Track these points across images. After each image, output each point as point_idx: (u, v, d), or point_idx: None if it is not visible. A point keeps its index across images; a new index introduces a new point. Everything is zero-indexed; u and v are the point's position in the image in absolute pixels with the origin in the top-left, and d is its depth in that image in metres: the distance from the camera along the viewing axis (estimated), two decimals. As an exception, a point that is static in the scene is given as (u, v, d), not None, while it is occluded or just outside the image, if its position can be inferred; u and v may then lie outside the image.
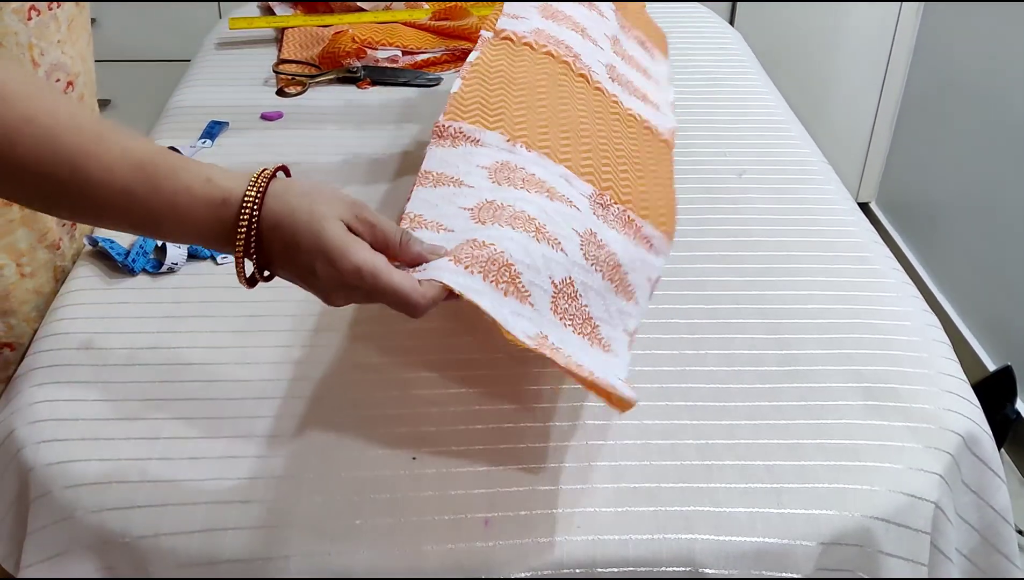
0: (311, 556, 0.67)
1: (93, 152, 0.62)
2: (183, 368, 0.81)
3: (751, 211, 1.06)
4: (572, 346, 0.66)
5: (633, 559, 0.67)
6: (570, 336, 0.67)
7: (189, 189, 0.63)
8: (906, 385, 0.82)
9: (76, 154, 0.61)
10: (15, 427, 0.76)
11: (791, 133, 1.24)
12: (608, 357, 0.69)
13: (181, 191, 0.62)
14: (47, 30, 0.87)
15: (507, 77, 0.83)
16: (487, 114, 0.81)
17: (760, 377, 0.82)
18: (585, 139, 0.81)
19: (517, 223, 0.68)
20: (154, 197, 0.62)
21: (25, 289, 0.89)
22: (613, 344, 0.71)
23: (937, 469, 0.75)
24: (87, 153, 0.61)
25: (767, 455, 0.74)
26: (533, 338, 0.63)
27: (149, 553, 0.67)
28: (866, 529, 0.70)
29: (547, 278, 0.67)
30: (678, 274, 0.95)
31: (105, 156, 0.62)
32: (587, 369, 0.64)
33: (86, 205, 0.63)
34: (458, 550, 0.67)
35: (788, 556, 0.69)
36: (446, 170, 0.74)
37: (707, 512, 0.70)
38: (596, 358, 0.67)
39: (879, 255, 1.00)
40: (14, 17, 0.84)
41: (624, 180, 0.77)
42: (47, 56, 0.88)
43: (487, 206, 0.70)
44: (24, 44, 0.85)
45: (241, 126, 1.20)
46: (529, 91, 0.83)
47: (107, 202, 0.62)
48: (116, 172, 0.62)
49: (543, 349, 0.62)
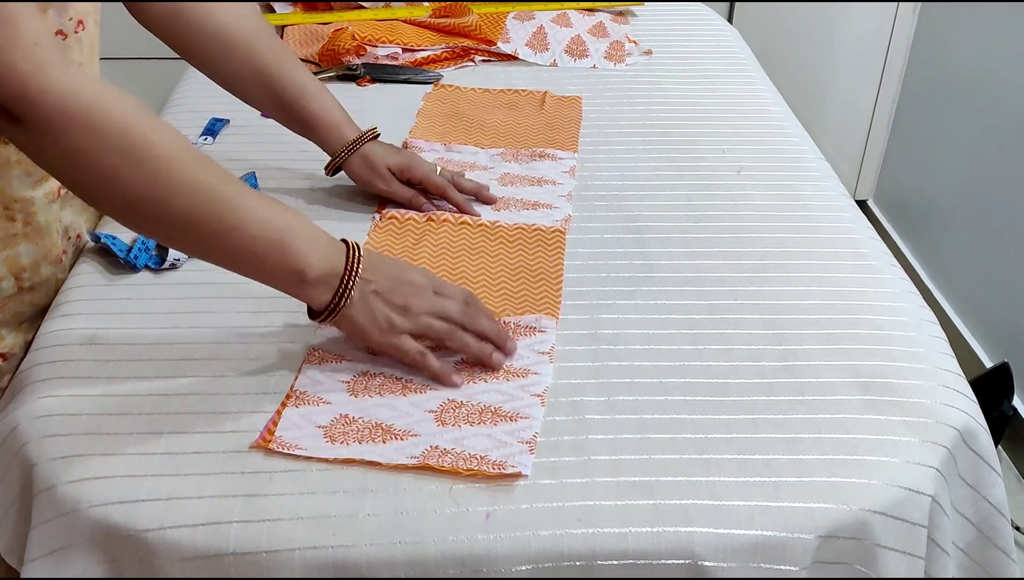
0: (315, 549, 0.67)
1: (246, 211, 0.75)
2: (186, 363, 0.82)
3: (749, 208, 1.06)
4: (471, 442, 0.74)
5: (633, 552, 0.68)
6: (468, 431, 0.76)
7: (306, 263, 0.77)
8: (903, 380, 0.82)
9: (232, 177, 0.77)
10: (19, 422, 0.76)
11: (789, 130, 1.24)
12: (519, 425, 0.76)
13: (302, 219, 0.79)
14: (71, 53, 0.87)
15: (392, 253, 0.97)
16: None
17: (758, 372, 0.83)
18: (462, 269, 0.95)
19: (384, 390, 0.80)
20: (288, 217, 0.78)
21: (23, 302, 0.89)
22: (523, 410, 0.78)
23: (934, 463, 0.76)
24: (237, 179, 0.77)
25: (765, 449, 0.75)
26: (419, 457, 0.73)
27: (153, 546, 0.68)
28: (863, 522, 0.71)
29: (423, 411, 0.77)
30: (676, 270, 0.96)
31: (251, 223, 0.75)
32: (479, 460, 0.73)
33: (231, 221, 0.75)
34: (459, 543, 0.68)
35: (786, 549, 0.69)
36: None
37: (706, 505, 0.70)
38: (500, 437, 0.75)
39: (876, 252, 1.01)
40: None
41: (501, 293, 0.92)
42: None
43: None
44: None
45: (242, 123, 1.21)
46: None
47: (256, 216, 0.75)
48: (259, 195, 0.77)
49: (429, 460, 0.72)
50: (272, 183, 1.09)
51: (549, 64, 1.42)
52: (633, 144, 1.19)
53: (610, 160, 1.15)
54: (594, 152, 1.17)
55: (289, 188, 1.08)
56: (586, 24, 1.48)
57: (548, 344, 0.85)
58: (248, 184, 1.04)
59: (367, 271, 0.79)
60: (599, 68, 1.41)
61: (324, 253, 0.77)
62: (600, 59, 1.42)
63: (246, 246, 0.76)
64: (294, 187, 1.09)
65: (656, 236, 1.01)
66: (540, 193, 1.07)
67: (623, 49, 1.44)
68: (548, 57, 1.43)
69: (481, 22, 1.45)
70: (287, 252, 0.76)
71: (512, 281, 0.93)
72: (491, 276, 0.94)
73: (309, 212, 1.04)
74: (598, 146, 1.19)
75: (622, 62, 1.42)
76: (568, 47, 1.44)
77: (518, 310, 0.89)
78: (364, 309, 0.79)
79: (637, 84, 1.35)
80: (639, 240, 1.00)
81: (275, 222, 0.76)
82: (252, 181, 1.07)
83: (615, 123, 1.24)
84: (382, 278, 0.80)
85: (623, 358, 0.84)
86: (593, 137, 1.21)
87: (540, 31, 1.45)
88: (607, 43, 1.44)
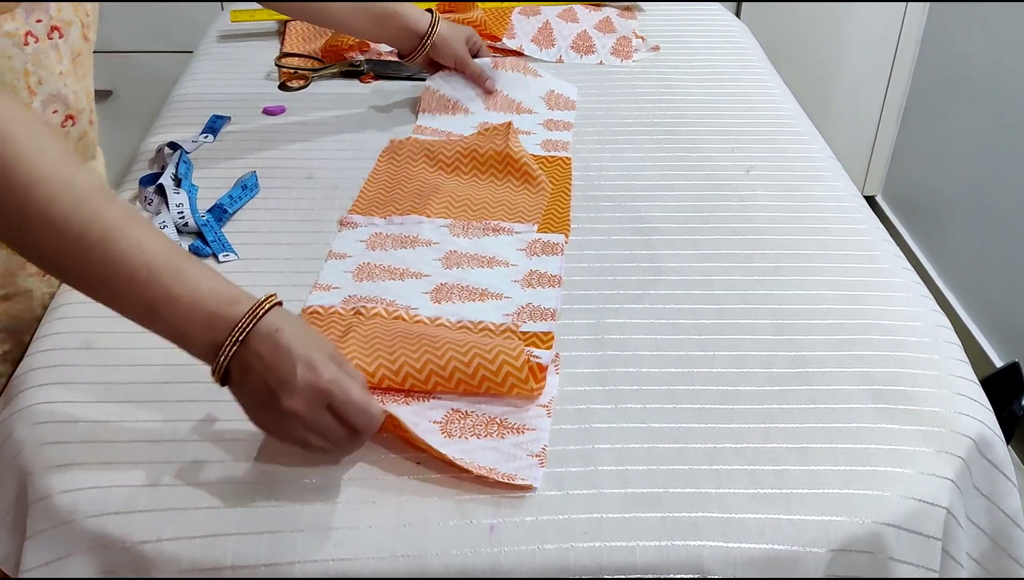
0: (315, 562, 0.66)
1: (126, 225, 0.67)
2: (185, 369, 0.80)
3: (759, 209, 1.05)
4: (479, 455, 0.73)
5: (641, 566, 0.66)
6: (476, 443, 0.74)
7: (201, 284, 0.69)
8: (917, 388, 0.81)
9: (111, 222, 0.67)
10: (14, 429, 0.75)
11: (799, 129, 1.22)
12: (526, 437, 0.75)
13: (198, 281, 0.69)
14: (46, 59, 0.85)
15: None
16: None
17: (769, 379, 0.81)
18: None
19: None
20: (174, 280, 0.67)
21: None
22: (530, 422, 0.76)
23: (949, 474, 0.74)
24: (123, 222, 0.67)
25: (776, 460, 0.74)
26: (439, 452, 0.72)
27: (151, 558, 0.66)
28: (877, 535, 0.70)
29: (428, 422, 0.76)
30: (685, 273, 0.94)
31: (136, 232, 0.67)
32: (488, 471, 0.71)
33: (99, 271, 0.67)
34: (463, 556, 0.66)
35: (798, 563, 0.68)
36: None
37: (715, 518, 0.69)
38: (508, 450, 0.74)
39: (889, 254, 0.99)
40: (7, 41, 0.82)
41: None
42: (45, 85, 0.86)
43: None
44: (19, 69, 0.83)
45: (243, 120, 1.19)
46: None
47: (122, 274, 0.67)
48: (144, 248, 0.67)
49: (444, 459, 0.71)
50: (272, 181, 1.07)
51: (555, 60, 1.40)
52: (640, 142, 1.17)
53: (617, 159, 1.14)
54: (600, 151, 1.15)
55: (289, 185, 1.07)
56: (593, 19, 1.46)
57: (551, 355, 0.83)
58: (251, 182, 1.04)
59: (253, 354, 0.68)
60: (606, 64, 1.39)
61: (204, 326, 0.68)
62: (607, 55, 1.40)
63: (115, 302, 0.69)
64: (294, 185, 1.07)
65: (664, 238, 0.99)
66: (491, 278, 0.93)
67: (630, 45, 1.42)
68: (554, 53, 1.41)
69: (486, 17, 1.43)
70: (157, 320, 0.69)
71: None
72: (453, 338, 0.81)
73: (308, 213, 1.02)
74: (604, 145, 1.17)
75: (629, 58, 1.40)
76: (574, 43, 1.42)
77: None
78: (238, 392, 0.70)
79: (644, 81, 1.33)
80: (647, 242, 0.98)
81: (150, 287, 0.67)
82: (252, 180, 1.05)
83: (622, 121, 1.22)
84: (266, 372, 0.68)
85: (630, 365, 0.82)
86: (599, 135, 1.19)
87: (546, 27, 1.43)
88: (614, 39, 1.42)
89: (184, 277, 0.68)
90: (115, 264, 0.67)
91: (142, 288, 0.67)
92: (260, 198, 1.05)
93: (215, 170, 1.08)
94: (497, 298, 0.90)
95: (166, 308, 0.67)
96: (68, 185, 0.66)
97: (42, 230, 0.66)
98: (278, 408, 0.68)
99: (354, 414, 0.69)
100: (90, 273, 0.68)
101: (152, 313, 0.68)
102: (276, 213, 1.02)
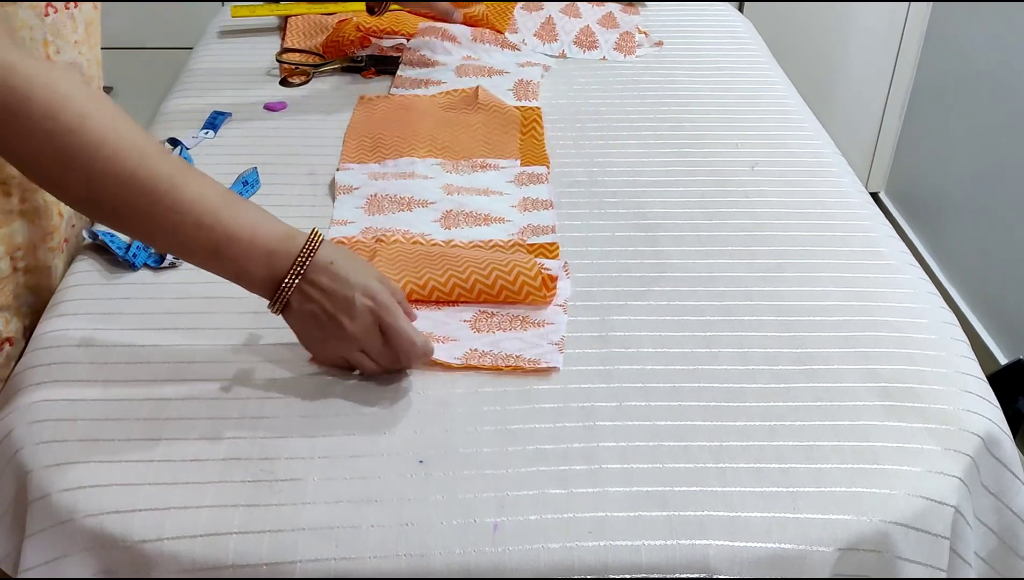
0: (317, 561, 0.65)
1: (185, 176, 0.73)
2: (185, 366, 0.80)
3: (764, 205, 1.04)
4: (505, 344, 0.82)
5: (646, 566, 0.66)
6: (501, 336, 0.83)
7: (258, 224, 0.75)
8: (924, 385, 0.80)
9: (174, 174, 0.72)
10: (13, 427, 0.74)
11: (804, 125, 1.22)
12: (546, 330, 0.84)
13: (256, 222, 0.75)
14: (64, 28, 0.86)
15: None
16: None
17: (775, 377, 0.80)
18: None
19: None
20: (236, 223, 0.74)
21: (19, 284, 0.87)
22: (549, 318, 0.85)
23: (956, 472, 0.73)
24: (183, 172, 0.73)
25: (782, 458, 0.73)
26: (461, 358, 0.80)
27: (151, 558, 0.66)
28: (884, 534, 0.69)
29: (459, 321, 0.85)
30: (690, 270, 0.93)
31: (195, 181, 0.73)
32: (515, 358, 0.80)
33: (167, 221, 0.72)
34: (466, 555, 0.66)
35: (804, 562, 0.67)
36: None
37: (721, 517, 0.68)
38: (531, 339, 0.83)
39: (894, 250, 0.98)
40: (30, 12, 0.83)
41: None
42: (63, 55, 0.87)
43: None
44: (39, 40, 0.84)
45: (244, 116, 1.18)
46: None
47: (188, 222, 0.72)
48: (206, 196, 0.73)
49: (471, 361, 0.80)
50: (273, 177, 1.06)
51: (558, 55, 1.39)
52: (644, 138, 1.16)
53: (620, 155, 1.13)
54: (604, 147, 1.15)
55: (290, 182, 1.06)
56: (596, 15, 1.45)
57: (561, 264, 0.92)
58: (252, 178, 1.03)
59: (311, 285, 0.75)
60: (609, 60, 1.38)
61: (265, 262, 0.75)
62: (610, 51, 1.39)
63: (181, 247, 0.75)
64: (295, 181, 1.06)
65: (668, 234, 0.98)
66: (490, 204, 1.01)
67: (633, 40, 1.41)
68: (557, 48, 1.40)
69: (489, 12, 1.42)
70: (223, 260, 0.75)
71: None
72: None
73: (309, 209, 1.01)
74: (607, 141, 1.16)
75: (632, 54, 1.39)
76: (577, 38, 1.41)
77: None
78: (296, 322, 0.77)
79: (648, 77, 1.33)
80: (651, 238, 0.98)
81: (214, 230, 0.73)
82: (254, 176, 1.05)
83: (626, 116, 1.22)
84: (326, 299, 0.75)
85: (634, 362, 0.82)
86: (603, 131, 1.18)
87: (549, 22, 1.42)
88: (617, 34, 1.41)
89: (242, 219, 0.74)
90: (182, 212, 0.72)
91: (208, 232, 0.73)
92: (261, 194, 1.04)
93: (216, 166, 1.07)
94: (500, 221, 0.99)
95: (229, 249, 0.74)
96: (131, 142, 0.71)
97: (111, 186, 0.71)
98: (338, 332, 0.75)
99: (401, 340, 0.76)
100: (157, 224, 0.73)
101: (216, 254, 0.74)
102: (277, 209, 0.99)
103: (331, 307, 0.75)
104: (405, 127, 1.15)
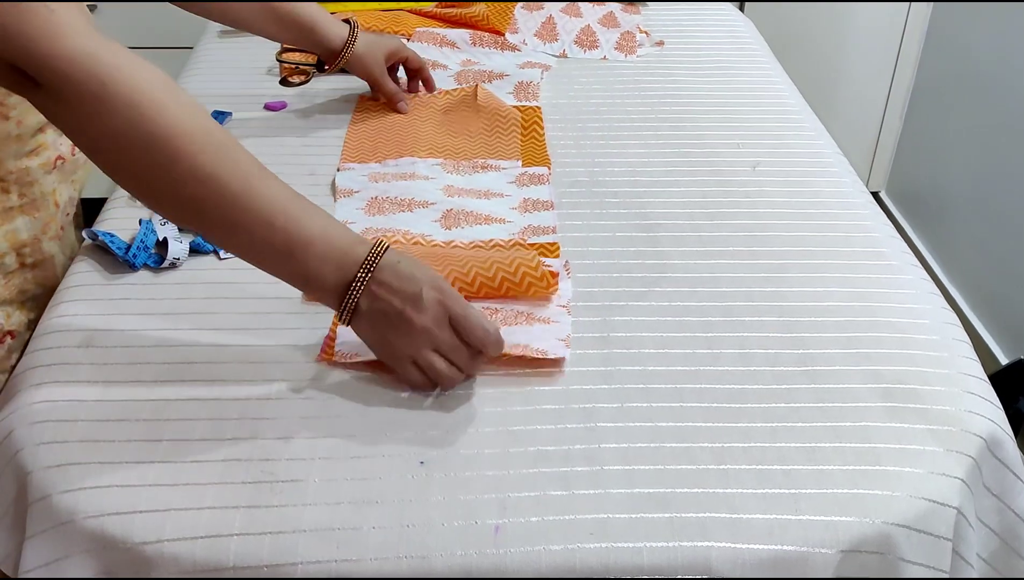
0: (318, 563, 0.65)
1: (260, 174, 0.73)
2: (185, 367, 0.79)
3: (765, 205, 1.04)
4: (512, 337, 0.80)
5: (648, 567, 0.65)
6: (507, 330, 0.81)
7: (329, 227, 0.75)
8: (926, 386, 0.80)
9: (250, 172, 0.72)
10: (14, 428, 0.74)
11: (805, 124, 1.21)
12: (551, 327, 0.84)
13: (326, 225, 0.75)
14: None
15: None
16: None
17: (776, 378, 0.80)
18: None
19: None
20: (309, 224, 0.73)
21: (26, 279, 0.87)
22: (553, 317, 0.85)
23: (959, 473, 0.73)
24: (256, 173, 0.73)
25: (784, 459, 0.73)
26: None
27: (152, 559, 0.66)
28: (886, 536, 0.69)
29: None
30: (691, 270, 0.93)
31: (269, 180, 0.73)
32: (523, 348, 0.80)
33: (242, 219, 0.72)
34: (467, 557, 0.65)
35: (806, 564, 0.67)
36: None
37: (723, 519, 0.68)
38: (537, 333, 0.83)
39: (896, 250, 0.98)
40: None
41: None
42: None
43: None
44: None
45: (244, 116, 1.18)
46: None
47: (262, 220, 0.72)
48: (280, 195, 0.73)
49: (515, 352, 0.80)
50: (275, 178, 1.06)
51: (558, 55, 1.39)
52: (645, 138, 1.16)
53: (621, 155, 1.13)
54: (604, 147, 1.14)
55: (290, 182, 1.05)
56: (596, 14, 1.45)
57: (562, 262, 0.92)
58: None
59: (379, 285, 0.74)
60: (610, 60, 1.38)
61: (336, 265, 0.74)
62: (611, 50, 1.39)
63: (253, 247, 0.74)
64: (296, 181, 1.05)
65: (670, 234, 0.98)
66: (490, 206, 1.01)
67: (634, 40, 1.41)
68: (557, 48, 1.40)
69: (489, 12, 1.42)
70: (294, 262, 0.74)
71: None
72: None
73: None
74: (608, 141, 1.16)
75: (633, 53, 1.39)
76: (578, 38, 1.41)
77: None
78: (367, 326, 0.76)
79: (649, 76, 1.32)
80: (652, 239, 0.98)
81: (288, 232, 0.73)
82: (254, 176, 1.04)
83: (627, 116, 1.21)
84: (394, 296, 0.75)
85: (636, 363, 0.81)
86: (603, 131, 1.18)
87: (549, 21, 1.42)
88: (618, 34, 1.41)
89: (314, 221, 0.74)
90: (256, 211, 0.71)
91: (281, 233, 0.72)
92: (261, 194, 1.04)
93: (216, 166, 1.07)
94: (500, 222, 0.99)
95: (302, 251, 0.73)
96: (207, 136, 0.70)
97: (187, 179, 0.70)
98: (409, 328, 0.74)
99: (474, 327, 0.75)
100: (232, 221, 0.72)
101: (289, 256, 0.73)
102: (278, 210, 1.01)
103: (399, 303, 0.74)
104: (405, 127, 1.16)
